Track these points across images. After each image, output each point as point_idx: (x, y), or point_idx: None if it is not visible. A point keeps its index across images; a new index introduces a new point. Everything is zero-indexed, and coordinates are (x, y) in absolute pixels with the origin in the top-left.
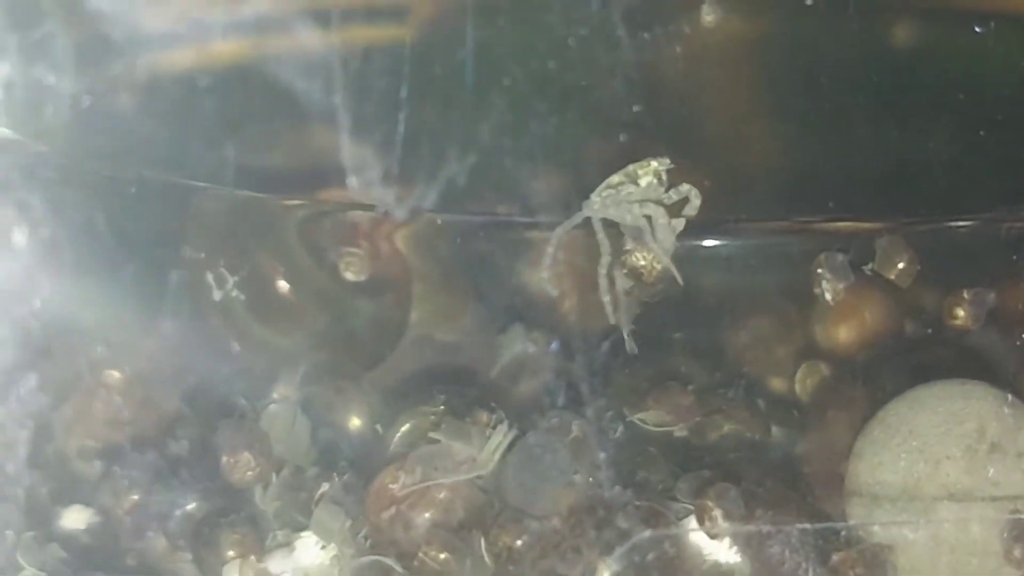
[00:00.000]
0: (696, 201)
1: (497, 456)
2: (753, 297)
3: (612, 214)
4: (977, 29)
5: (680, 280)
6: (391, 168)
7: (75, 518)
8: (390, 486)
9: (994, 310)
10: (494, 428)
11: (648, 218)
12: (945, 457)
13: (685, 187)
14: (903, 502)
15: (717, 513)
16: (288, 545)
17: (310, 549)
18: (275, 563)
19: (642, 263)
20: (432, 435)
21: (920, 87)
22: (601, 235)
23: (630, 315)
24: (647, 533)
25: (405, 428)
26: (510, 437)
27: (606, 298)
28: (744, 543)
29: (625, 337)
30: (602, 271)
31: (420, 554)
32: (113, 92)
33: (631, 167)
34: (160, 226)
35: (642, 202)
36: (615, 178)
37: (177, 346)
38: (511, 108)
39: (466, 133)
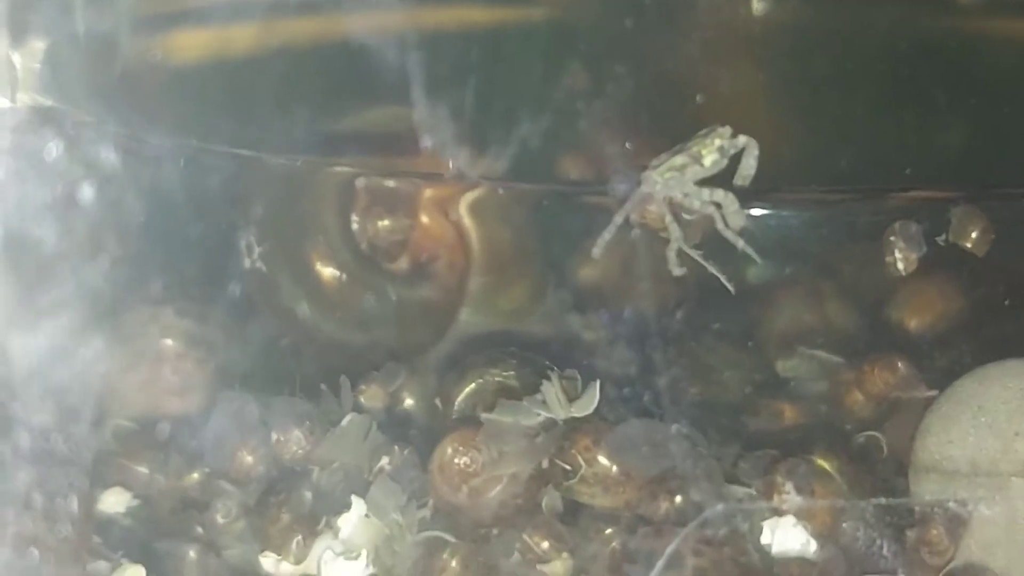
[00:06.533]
0: (755, 151)
1: (567, 406)
2: (825, 268)
3: (680, 201)
4: None
5: (757, 257)
6: (464, 131)
7: (114, 501)
8: (455, 461)
9: None
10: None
11: (717, 205)
12: (1014, 434)
13: (742, 140)
14: (977, 478)
15: (789, 486)
16: (333, 528)
17: (354, 528)
18: (321, 544)
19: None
20: (485, 416)
21: (994, 57)
22: (669, 218)
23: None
24: (720, 507)
25: (470, 388)
26: (558, 385)
27: (677, 272)
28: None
29: (724, 281)
30: (671, 254)
31: (524, 536)
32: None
33: (695, 148)
34: (212, 200)
35: (711, 188)
36: (678, 160)
37: (237, 317)
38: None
39: (538, 97)
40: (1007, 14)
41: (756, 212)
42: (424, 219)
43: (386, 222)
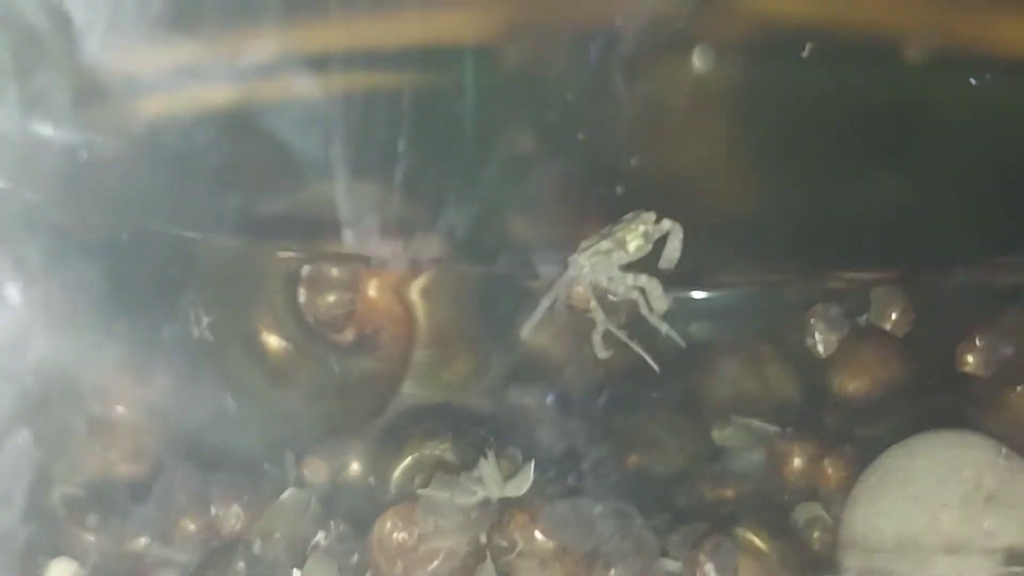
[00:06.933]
0: (679, 235)
1: (502, 486)
2: (749, 349)
3: (605, 285)
4: (973, 81)
5: (681, 341)
6: (388, 220)
7: (60, 570)
8: (394, 536)
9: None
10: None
11: (641, 290)
12: (941, 505)
13: (666, 224)
14: (900, 552)
15: (709, 567)
16: None
17: None
18: None
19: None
20: (421, 492)
21: (916, 138)
22: (594, 303)
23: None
24: None
25: (407, 462)
26: (494, 463)
27: (603, 355)
28: None
29: (649, 361)
30: (596, 338)
31: None
32: (110, 143)
33: (619, 233)
34: (157, 278)
35: (635, 274)
36: (604, 245)
37: (173, 397)
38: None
39: (465, 184)
40: (937, 99)
41: (696, 295)
42: (371, 293)
43: (330, 297)
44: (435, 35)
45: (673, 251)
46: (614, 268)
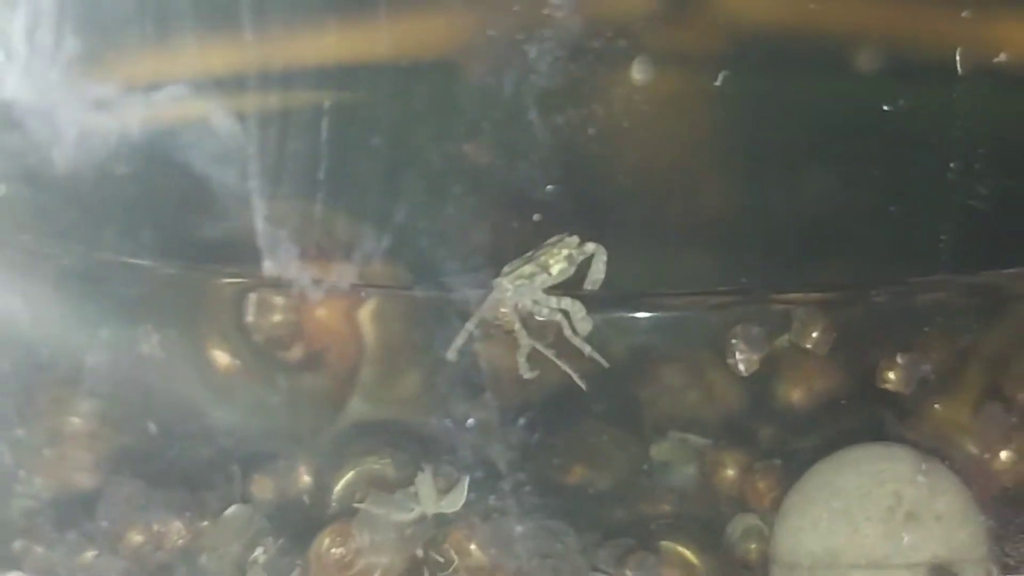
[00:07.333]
0: (603, 257)
1: (438, 502)
2: (673, 368)
3: (529, 308)
4: (885, 108)
5: (604, 362)
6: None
7: None
8: (332, 551)
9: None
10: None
11: (565, 312)
12: (865, 519)
13: (590, 247)
14: (824, 568)
15: None
16: None
17: None
18: None
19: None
20: (357, 505)
21: (841, 156)
22: (518, 325)
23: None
24: None
25: (348, 477)
26: (430, 480)
27: (527, 375)
28: None
29: (576, 379)
30: (521, 360)
31: None
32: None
33: (542, 258)
34: (103, 298)
35: (559, 296)
36: (527, 269)
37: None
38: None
39: (382, 212)
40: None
41: (639, 315)
42: (319, 312)
43: (275, 317)
44: (353, 54)
45: (597, 273)
46: (538, 291)
